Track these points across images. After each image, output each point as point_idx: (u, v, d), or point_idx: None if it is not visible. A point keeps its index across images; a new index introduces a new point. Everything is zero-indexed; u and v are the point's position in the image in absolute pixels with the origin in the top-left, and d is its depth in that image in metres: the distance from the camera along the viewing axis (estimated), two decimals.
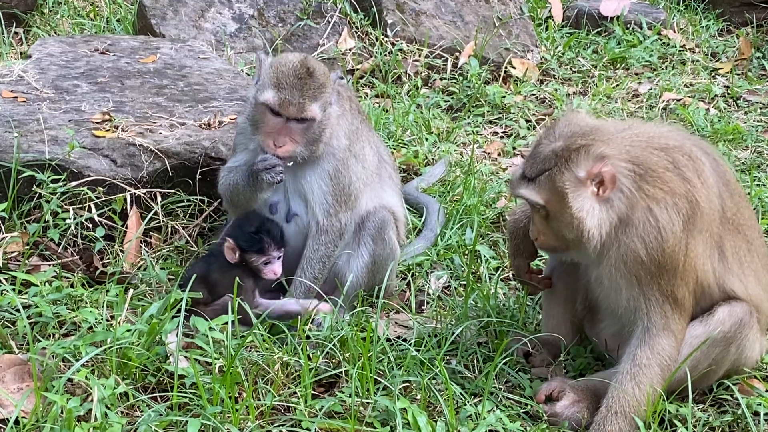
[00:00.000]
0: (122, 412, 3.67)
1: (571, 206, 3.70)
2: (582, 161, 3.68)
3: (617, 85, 7.40)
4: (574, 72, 7.67)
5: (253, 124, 4.44)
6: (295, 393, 3.83)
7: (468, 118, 6.87)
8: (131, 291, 4.28)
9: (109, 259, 4.75)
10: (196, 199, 5.02)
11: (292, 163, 4.43)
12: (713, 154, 3.99)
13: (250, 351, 4.04)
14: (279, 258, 4.40)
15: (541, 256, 4.57)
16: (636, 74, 7.67)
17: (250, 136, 4.48)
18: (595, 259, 3.85)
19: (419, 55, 7.38)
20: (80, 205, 4.80)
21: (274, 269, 4.39)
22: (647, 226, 3.72)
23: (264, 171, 4.37)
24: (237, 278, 4.16)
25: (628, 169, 3.72)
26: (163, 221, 4.94)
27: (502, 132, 6.80)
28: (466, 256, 5.11)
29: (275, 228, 4.41)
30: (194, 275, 4.13)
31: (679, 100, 7.16)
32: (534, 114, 6.93)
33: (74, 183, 4.79)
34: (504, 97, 7.05)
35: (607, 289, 3.92)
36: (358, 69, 7.21)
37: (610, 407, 3.78)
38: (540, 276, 4.28)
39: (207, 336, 3.89)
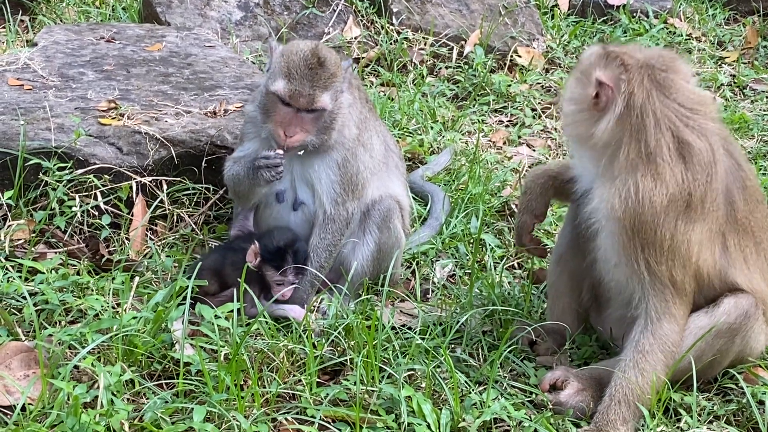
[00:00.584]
0: (128, 399, 3.68)
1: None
2: (603, 63, 3.74)
3: None
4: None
5: (263, 112, 4.44)
6: (300, 381, 3.84)
7: (473, 106, 6.86)
8: (137, 278, 4.29)
9: (115, 246, 4.76)
10: (202, 187, 5.03)
11: (303, 152, 4.43)
12: (738, 157, 3.94)
13: (255, 339, 4.05)
14: (293, 284, 4.41)
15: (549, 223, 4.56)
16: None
17: (260, 124, 4.48)
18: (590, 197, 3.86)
19: (425, 44, 7.37)
20: (86, 193, 4.80)
21: (284, 291, 4.39)
22: (627, 185, 3.70)
23: (264, 168, 4.37)
24: (245, 266, 4.17)
25: (633, 115, 3.71)
26: (168, 209, 4.94)
27: (508, 121, 6.78)
28: (471, 245, 5.11)
29: (302, 253, 4.42)
30: (206, 265, 4.13)
31: None
32: (540, 103, 6.92)
33: (80, 171, 4.80)
34: (509, 85, 7.03)
35: (604, 264, 3.90)
36: (363, 57, 7.20)
37: (614, 396, 3.78)
38: (537, 246, 4.27)
39: (213, 324, 3.90)
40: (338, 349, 4.07)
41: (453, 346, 4.23)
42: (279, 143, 4.38)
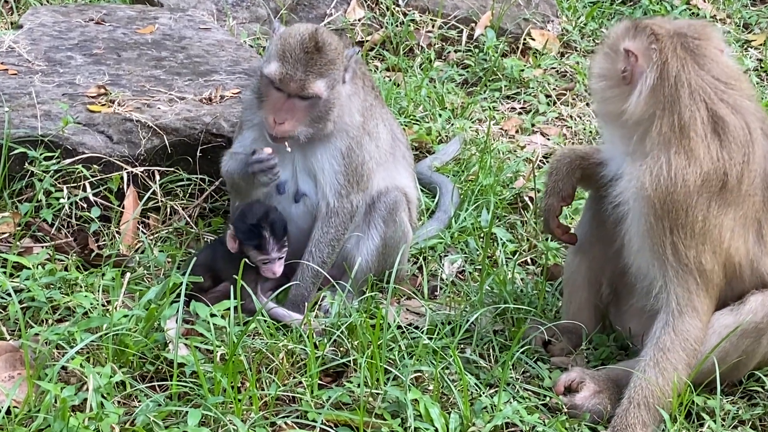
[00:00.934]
0: (119, 402, 3.68)
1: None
2: (631, 34, 3.76)
3: None
4: (598, 44, 7.61)
5: (258, 97, 4.44)
6: (300, 383, 3.84)
7: (484, 93, 6.84)
8: (128, 274, 4.29)
9: (104, 241, 4.76)
10: (197, 178, 5.02)
11: (290, 149, 4.42)
12: None
13: (253, 338, 4.05)
14: (280, 259, 4.40)
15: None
16: None
17: (255, 110, 4.48)
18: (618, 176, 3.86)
19: (432, 26, 7.35)
20: (74, 184, 4.80)
21: (273, 269, 4.39)
22: (659, 162, 3.69)
23: (259, 173, 4.37)
24: (242, 263, 4.16)
25: (665, 87, 3.73)
26: (161, 201, 4.94)
27: (521, 108, 6.77)
28: (481, 239, 5.10)
29: (279, 225, 4.39)
30: (198, 261, 4.14)
31: None
32: (554, 89, 6.91)
33: (68, 160, 4.80)
34: (522, 70, 7.01)
35: (629, 247, 3.87)
36: (367, 40, 7.18)
37: (633, 398, 3.77)
38: (566, 232, 4.23)
39: (208, 322, 3.90)
40: (341, 349, 4.06)
41: (462, 346, 4.23)
42: (268, 130, 4.38)
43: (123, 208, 4.86)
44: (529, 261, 5.04)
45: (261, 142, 4.47)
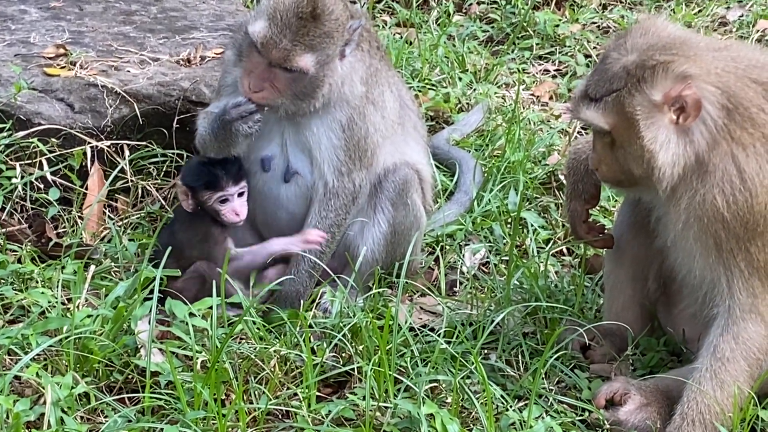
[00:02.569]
0: (82, 418, 3.69)
1: (641, 136, 3.67)
2: (659, 81, 3.64)
3: (700, 11, 7.34)
4: None
5: (237, 53, 4.45)
6: (296, 395, 3.85)
7: (512, 52, 6.84)
8: (92, 267, 4.29)
9: (65, 227, 4.77)
10: (173, 154, 5.03)
11: (265, 111, 4.42)
12: None
13: (240, 342, 4.06)
14: (240, 195, 4.43)
15: (603, 204, 4.55)
16: None
17: (232, 66, 4.49)
18: (665, 204, 3.84)
19: None
20: (29, 161, 4.81)
21: (234, 208, 4.42)
22: (727, 176, 3.69)
23: (238, 120, 4.36)
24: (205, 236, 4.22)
25: (717, 97, 3.67)
26: (131, 181, 4.95)
27: (555, 70, 6.77)
28: (508, 225, 5.10)
29: (229, 161, 4.45)
30: (160, 246, 4.16)
31: None
32: (594, 47, 6.90)
33: (21, 133, 4.80)
34: (557, 26, 7.01)
35: (682, 254, 3.90)
36: None
37: (686, 414, 3.77)
38: (600, 234, 4.25)
39: (187, 323, 3.90)
40: (343, 355, 4.07)
41: (486, 351, 4.23)
42: (243, 94, 4.39)
43: (86, 189, 4.86)
44: (564, 251, 5.04)
45: None
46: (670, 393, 3.92)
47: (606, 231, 4.29)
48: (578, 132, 5.84)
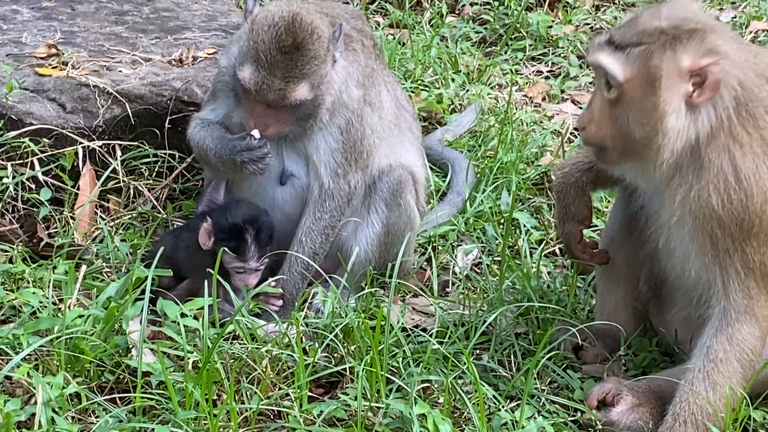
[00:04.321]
0: (73, 418, 3.68)
1: (658, 95, 3.62)
2: (692, 47, 3.60)
3: None
4: None
5: (234, 92, 4.47)
6: (287, 395, 3.84)
7: (505, 53, 6.84)
8: (84, 268, 4.29)
9: (56, 228, 4.76)
10: (165, 154, 5.03)
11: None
12: None
13: (231, 343, 4.05)
14: (257, 271, 4.41)
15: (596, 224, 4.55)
16: None
17: (231, 93, 4.51)
18: (658, 198, 3.81)
19: None
20: (20, 161, 4.80)
21: (246, 280, 4.39)
22: (722, 173, 3.66)
23: (249, 163, 4.38)
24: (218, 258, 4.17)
25: (734, 84, 3.64)
26: (123, 181, 4.94)
27: (548, 71, 6.77)
28: (501, 226, 5.10)
29: (265, 232, 4.39)
30: (157, 252, 4.14)
31: None
32: (588, 49, 6.89)
33: (13, 133, 4.79)
34: (550, 27, 7.01)
35: (677, 254, 3.89)
36: None
37: (678, 414, 3.77)
38: (595, 250, 4.26)
39: (178, 324, 3.90)
40: (335, 355, 4.07)
41: (478, 352, 4.23)
42: (249, 131, 4.41)
43: (78, 189, 4.85)
44: (557, 251, 5.04)
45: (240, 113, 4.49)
46: (663, 394, 3.93)
47: (602, 250, 4.28)
48: (570, 134, 5.85)
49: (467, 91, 6.30)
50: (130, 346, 3.88)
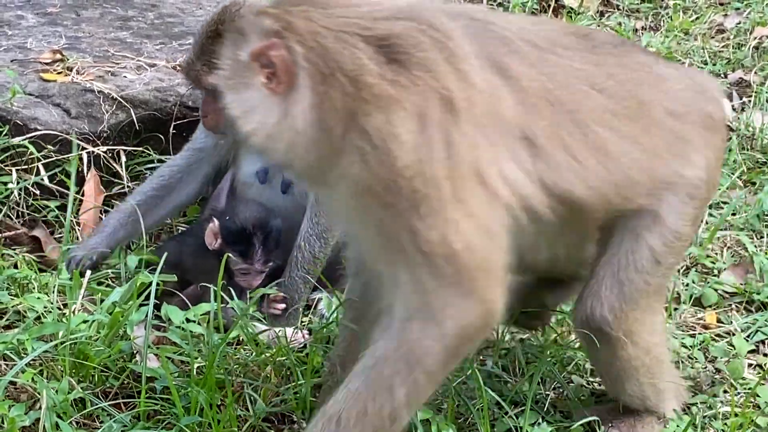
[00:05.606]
0: (78, 423, 3.67)
1: (224, 96, 3.21)
2: (250, 36, 3.15)
3: (697, 18, 7.34)
4: (644, 1, 7.61)
5: None
6: (292, 400, 3.84)
7: None
8: (88, 273, 4.28)
9: (61, 233, 4.76)
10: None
11: (222, 142, 4.60)
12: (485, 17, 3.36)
13: (236, 348, 4.05)
14: (262, 273, 4.42)
15: None
16: (721, 4, 7.60)
17: None
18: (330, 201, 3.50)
19: None
20: (25, 166, 4.80)
21: (250, 281, 4.40)
22: (354, 144, 3.09)
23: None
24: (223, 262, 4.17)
25: (311, 60, 3.09)
26: (128, 186, 4.94)
27: None
28: None
29: (274, 235, 4.40)
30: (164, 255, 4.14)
31: None
32: None
33: (17, 139, 4.79)
34: None
35: (365, 255, 3.47)
36: None
37: (326, 411, 3.21)
38: None
39: (183, 329, 3.90)
40: None
41: (482, 357, 4.22)
42: None
43: (83, 195, 4.85)
44: None
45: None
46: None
47: None
48: None
49: None
50: (135, 352, 3.88)
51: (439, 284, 3.09)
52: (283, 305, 4.47)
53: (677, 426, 3.82)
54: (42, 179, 4.80)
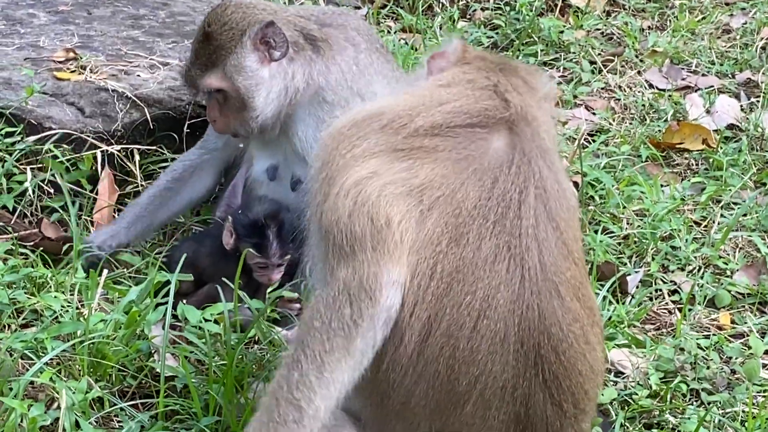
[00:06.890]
0: (96, 422, 3.67)
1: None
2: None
3: (703, 18, 7.33)
4: (650, 1, 7.61)
5: None
6: None
7: (517, 58, 6.82)
8: (105, 272, 4.28)
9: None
10: None
11: (241, 146, 4.66)
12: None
13: (253, 347, 4.04)
14: (279, 266, 4.41)
15: None
16: (727, 4, 7.59)
17: None
18: None
19: None
20: (39, 165, 4.79)
21: (269, 276, 4.39)
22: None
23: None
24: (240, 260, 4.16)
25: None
26: (142, 185, 4.94)
27: (560, 76, 6.75)
28: None
29: (288, 227, 4.39)
30: (177, 257, 4.13)
31: None
32: (600, 54, 6.89)
33: (32, 138, 4.78)
34: (562, 32, 6.99)
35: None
36: None
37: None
38: None
39: (200, 328, 3.89)
40: None
41: None
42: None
43: (96, 193, 4.84)
44: None
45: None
46: None
47: None
48: (585, 140, 5.84)
49: None
50: (152, 351, 3.88)
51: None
52: (298, 305, 4.46)
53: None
54: (54, 177, 4.78)
